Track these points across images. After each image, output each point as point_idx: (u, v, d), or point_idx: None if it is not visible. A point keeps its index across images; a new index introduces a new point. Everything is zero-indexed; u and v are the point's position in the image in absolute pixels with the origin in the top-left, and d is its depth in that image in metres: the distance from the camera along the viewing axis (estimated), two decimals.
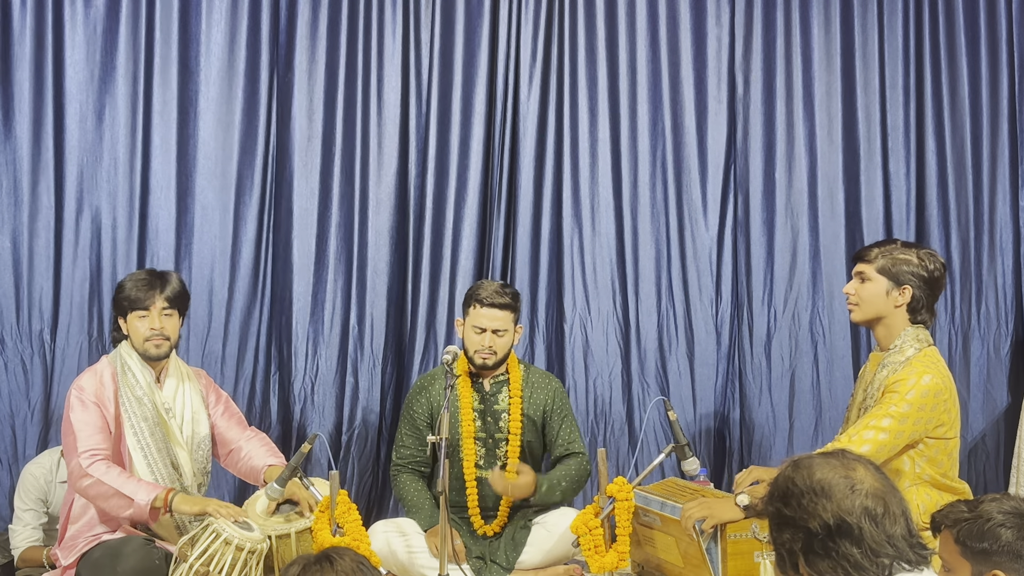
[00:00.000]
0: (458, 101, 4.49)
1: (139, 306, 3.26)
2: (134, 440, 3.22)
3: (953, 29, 4.61)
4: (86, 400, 3.19)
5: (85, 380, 3.25)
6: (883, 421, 2.92)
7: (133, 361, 3.29)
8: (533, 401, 3.77)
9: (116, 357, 3.32)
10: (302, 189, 4.42)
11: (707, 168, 4.58)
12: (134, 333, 3.28)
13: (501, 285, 3.75)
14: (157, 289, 3.29)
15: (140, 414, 3.24)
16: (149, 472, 3.21)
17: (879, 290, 3.08)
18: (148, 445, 3.23)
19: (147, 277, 3.33)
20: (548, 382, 3.84)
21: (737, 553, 2.96)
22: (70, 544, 3.21)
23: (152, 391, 3.28)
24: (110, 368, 3.29)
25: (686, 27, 4.57)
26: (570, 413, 3.85)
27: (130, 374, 3.27)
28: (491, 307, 3.67)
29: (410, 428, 3.79)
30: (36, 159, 4.27)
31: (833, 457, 1.85)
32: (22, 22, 4.25)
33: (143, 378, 3.28)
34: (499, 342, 3.68)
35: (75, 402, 3.19)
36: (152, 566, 3.01)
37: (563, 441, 3.78)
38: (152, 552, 3.04)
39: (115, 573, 2.98)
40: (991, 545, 2.01)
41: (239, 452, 3.46)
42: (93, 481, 3.07)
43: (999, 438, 4.56)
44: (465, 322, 3.75)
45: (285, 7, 4.43)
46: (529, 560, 3.64)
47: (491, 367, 3.71)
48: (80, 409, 3.18)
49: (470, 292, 3.78)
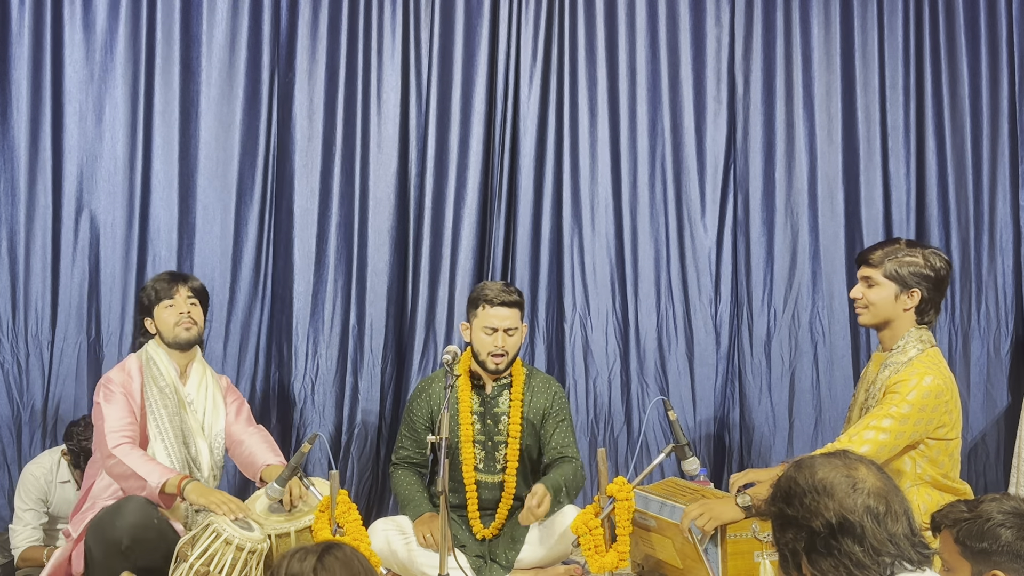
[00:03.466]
0: (458, 101, 4.49)
1: (165, 295, 3.44)
2: (155, 429, 3.34)
3: (953, 29, 4.62)
4: (114, 390, 3.34)
5: (113, 373, 3.40)
6: (884, 421, 2.92)
7: (159, 356, 3.44)
8: (533, 404, 3.76)
9: (142, 353, 3.46)
10: (302, 189, 4.43)
11: (706, 168, 4.58)
12: (163, 324, 3.44)
13: (505, 284, 3.74)
14: (180, 282, 3.50)
15: (162, 403, 3.37)
16: (168, 460, 3.32)
17: (887, 295, 3.06)
18: (167, 433, 3.35)
19: (169, 274, 3.56)
20: (549, 386, 3.83)
21: (737, 553, 2.97)
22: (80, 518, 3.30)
23: (176, 384, 3.42)
24: (137, 362, 3.44)
25: (686, 27, 4.57)
26: (568, 418, 3.81)
27: (155, 367, 3.41)
28: (501, 306, 3.65)
29: (409, 431, 3.80)
30: (33, 159, 4.27)
31: (835, 457, 1.85)
32: (20, 21, 4.25)
33: (167, 372, 3.42)
34: (510, 341, 3.67)
35: (103, 392, 3.34)
36: (151, 524, 3.07)
37: (556, 444, 3.74)
38: (151, 511, 3.11)
39: (114, 528, 3.04)
40: (991, 545, 2.02)
41: (241, 446, 3.53)
42: (116, 461, 3.18)
43: (999, 438, 4.56)
44: (472, 325, 3.70)
45: (286, 7, 4.43)
46: (528, 558, 3.63)
47: (503, 370, 3.70)
48: (108, 398, 3.33)
49: (475, 294, 3.74)
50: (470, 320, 3.73)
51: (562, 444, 3.75)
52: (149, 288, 3.49)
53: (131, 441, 3.26)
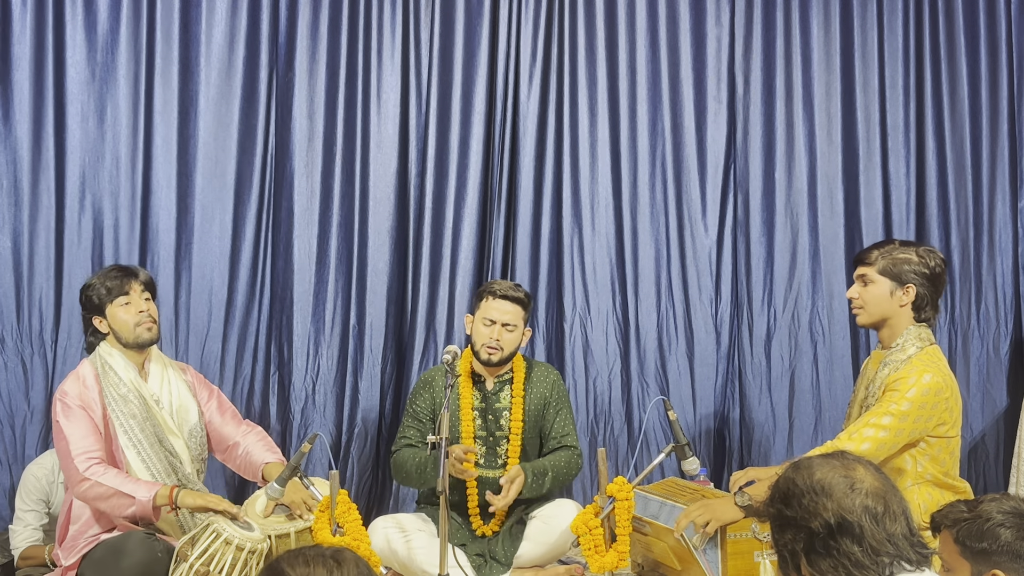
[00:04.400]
0: (458, 101, 4.49)
1: (118, 292, 3.24)
2: (126, 439, 3.20)
3: (953, 29, 4.62)
4: (71, 404, 3.17)
5: (68, 385, 3.22)
6: (884, 419, 2.92)
7: (114, 359, 3.26)
8: (533, 396, 3.77)
9: (96, 358, 3.27)
10: (302, 188, 4.43)
11: (707, 168, 4.58)
12: (119, 323, 3.25)
13: (515, 284, 3.77)
14: (132, 276, 3.29)
15: (127, 411, 3.21)
16: (145, 469, 3.20)
17: (883, 292, 3.09)
18: (140, 442, 3.21)
19: (118, 268, 3.34)
20: (547, 374, 3.84)
21: (737, 553, 2.97)
22: (71, 545, 3.20)
23: (138, 385, 3.27)
24: (92, 370, 3.25)
25: (686, 27, 4.58)
26: (567, 405, 3.82)
27: (112, 373, 3.24)
28: (503, 299, 3.68)
29: (412, 420, 3.78)
30: (36, 159, 4.27)
31: (833, 458, 1.86)
32: (22, 22, 4.25)
33: (126, 374, 3.25)
34: (507, 337, 3.68)
35: (61, 409, 3.17)
36: (155, 559, 3.00)
37: (556, 433, 3.76)
38: (154, 545, 3.04)
39: (119, 570, 2.97)
40: (991, 545, 2.02)
41: (236, 448, 3.44)
42: (91, 484, 3.06)
43: (999, 438, 4.56)
44: (475, 317, 3.74)
45: (285, 7, 4.43)
46: (528, 555, 3.64)
47: (495, 364, 3.70)
48: (67, 415, 3.15)
49: (482, 287, 3.80)
50: (473, 312, 3.76)
51: (561, 432, 3.76)
52: (98, 284, 3.25)
53: (100, 460, 3.11)
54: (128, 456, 3.20)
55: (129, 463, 3.20)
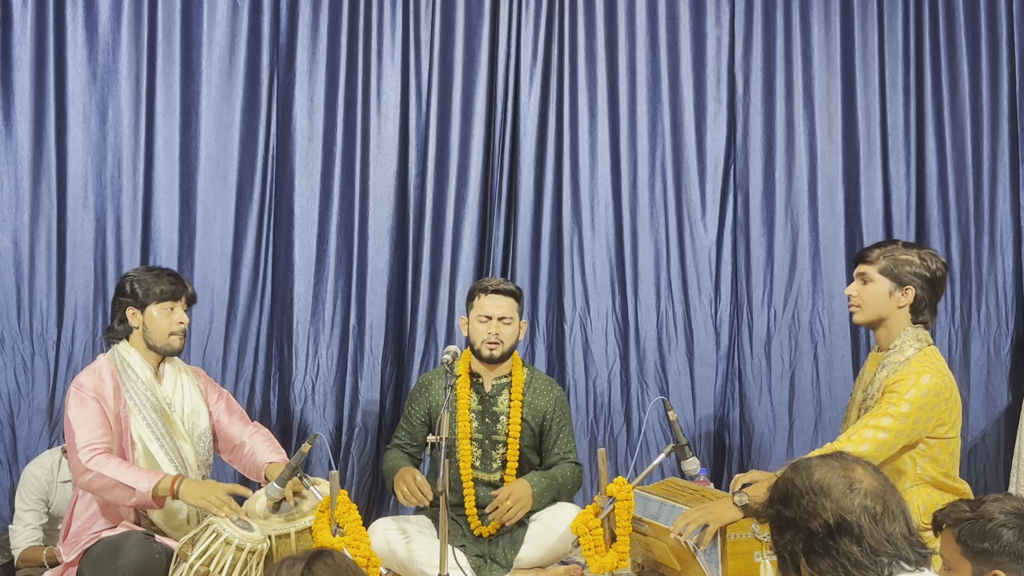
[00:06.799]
0: (458, 101, 4.49)
1: (169, 297, 3.28)
2: (148, 432, 3.23)
3: (953, 29, 4.62)
4: (85, 397, 3.18)
5: (84, 377, 3.24)
6: (883, 420, 2.92)
7: (133, 358, 3.28)
8: (534, 407, 3.76)
9: (114, 355, 3.30)
10: (303, 189, 4.43)
11: (706, 168, 4.58)
12: (156, 325, 3.27)
13: (503, 279, 3.80)
14: (184, 288, 3.34)
15: (149, 405, 3.25)
16: (168, 460, 3.23)
17: (882, 291, 3.08)
18: (163, 435, 3.25)
19: (173, 276, 3.35)
20: (551, 389, 3.83)
21: (737, 553, 2.97)
22: (73, 541, 3.22)
23: (153, 386, 3.29)
24: (109, 365, 3.28)
25: (686, 27, 4.58)
26: (569, 423, 3.83)
27: (130, 370, 3.27)
28: (496, 294, 3.70)
29: (405, 422, 3.83)
30: (37, 160, 4.27)
31: (831, 458, 1.86)
32: (23, 23, 4.25)
33: (143, 374, 3.28)
34: (505, 331, 3.69)
35: (74, 400, 3.18)
36: (152, 560, 3.01)
37: (559, 451, 3.76)
38: (152, 546, 3.05)
39: (115, 568, 2.98)
40: (992, 545, 2.02)
41: (242, 448, 3.45)
42: (94, 475, 3.07)
43: (999, 438, 4.56)
44: (470, 317, 3.76)
45: (286, 8, 4.43)
46: (528, 557, 3.64)
47: (498, 359, 3.70)
48: (79, 406, 3.16)
49: (473, 286, 3.82)
50: (468, 313, 3.77)
51: (565, 449, 3.78)
52: (149, 281, 3.28)
53: (104, 451, 3.11)
54: (151, 448, 3.22)
55: (152, 455, 3.21)
